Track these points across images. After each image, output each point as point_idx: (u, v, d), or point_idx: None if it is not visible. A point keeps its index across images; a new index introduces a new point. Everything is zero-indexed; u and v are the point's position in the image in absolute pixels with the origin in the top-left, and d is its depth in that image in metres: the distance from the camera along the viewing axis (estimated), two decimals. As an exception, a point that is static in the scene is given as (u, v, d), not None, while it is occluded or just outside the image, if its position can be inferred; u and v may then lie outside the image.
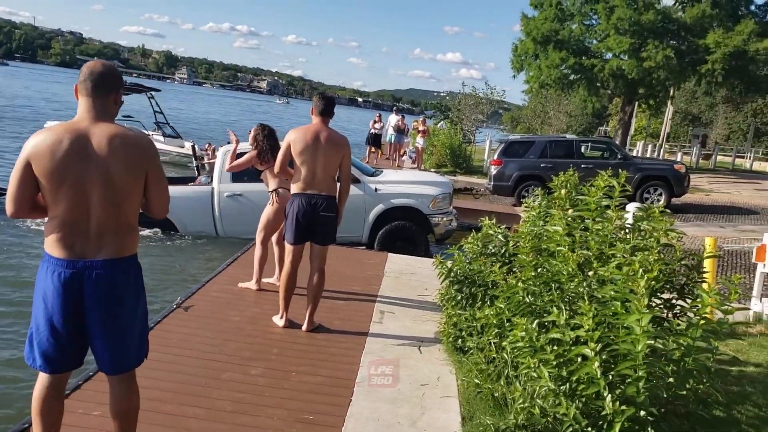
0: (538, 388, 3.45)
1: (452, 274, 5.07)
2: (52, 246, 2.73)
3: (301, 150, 5.11)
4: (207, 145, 17.59)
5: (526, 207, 5.14)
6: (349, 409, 4.10)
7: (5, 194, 2.78)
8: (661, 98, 30.90)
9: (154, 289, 7.55)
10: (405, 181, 10.42)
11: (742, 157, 35.74)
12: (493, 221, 5.21)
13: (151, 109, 20.10)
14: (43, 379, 2.87)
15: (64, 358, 2.83)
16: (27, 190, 2.70)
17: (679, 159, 26.97)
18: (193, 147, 17.18)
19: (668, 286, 4.07)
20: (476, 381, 4.39)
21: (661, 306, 3.82)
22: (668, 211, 4.29)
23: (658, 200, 15.01)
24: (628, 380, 3.15)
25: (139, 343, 2.96)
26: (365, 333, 5.45)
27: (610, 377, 3.25)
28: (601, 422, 3.22)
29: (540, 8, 28.98)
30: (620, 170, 4.61)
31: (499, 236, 5.00)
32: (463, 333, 4.95)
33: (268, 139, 6.28)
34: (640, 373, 3.08)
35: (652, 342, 3.19)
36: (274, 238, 6.46)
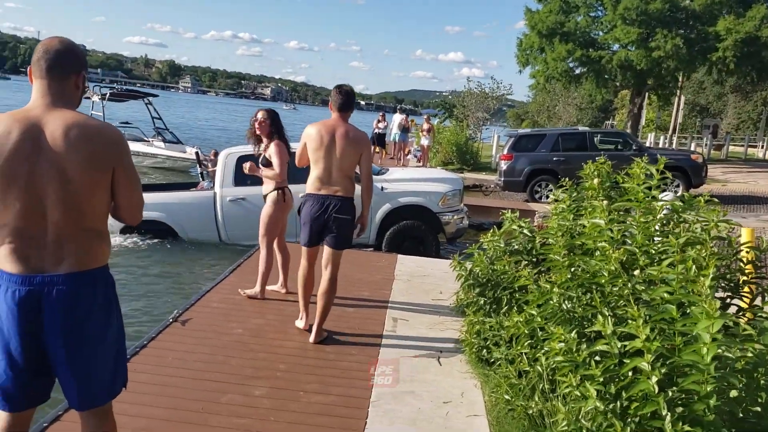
0: (584, 408, 2.98)
1: (473, 276, 4.58)
2: (4, 260, 2.27)
3: (317, 146, 4.76)
4: (212, 153, 17.18)
5: (554, 199, 4.64)
6: (365, 434, 3.63)
7: None
8: (670, 89, 30.30)
9: (151, 302, 7.12)
10: (413, 179, 9.96)
11: (755, 147, 35.08)
12: (516, 215, 4.72)
13: (149, 115, 19.73)
14: (1, 417, 2.40)
15: (26, 392, 2.37)
16: None
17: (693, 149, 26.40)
18: (197, 153, 16.76)
19: (722, 284, 3.59)
20: (506, 397, 3.92)
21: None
22: (715, 199, 3.80)
23: (676, 192, 14.49)
24: (694, 397, 2.68)
25: (112, 372, 2.48)
26: (378, 344, 4.97)
27: (670, 393, 2.77)
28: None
29: (544, 1, 28.44)
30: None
31: (524, 231, 4.51)
32: (488, 343, 4.47)
33: (275, 124, 5.78)
34: (709, 389, 2.60)
35: (720, 351, 2.72)
36: (276, 241, 6.00)
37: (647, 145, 25.49)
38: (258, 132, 5.78)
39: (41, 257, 2.27)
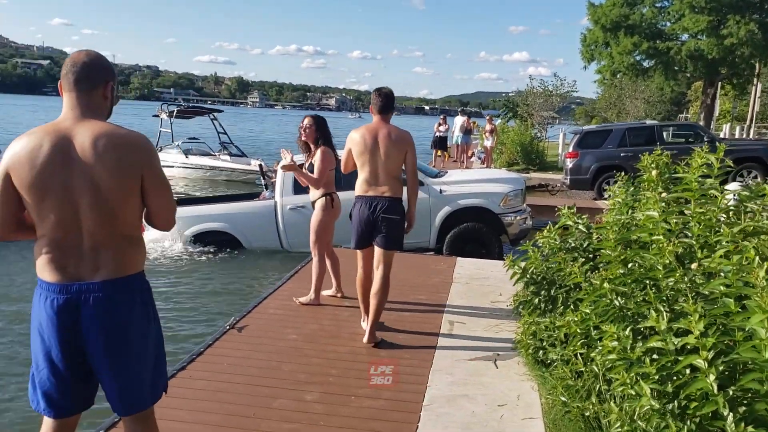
0: (638, 408, 2.83)
1: (527, 274, 4.45)
2: (42, 269, 2.34)
3: (361, 151, 4.84)
4: (276, 164, 17.50)
5: (610, 194, 4.47)
6: (416, 438, 3.57)
7: None
8: (746, 77, 28.98)
9: (212, 309, 7.28)
10: (472, 180, 9.82)
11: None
12: (573, 210, 4.56)
13: (215, 130, 20.28)
14: (47, 424, 2.46)
15: (69, 399, 2.43)
16: (9, 205, 2.32)
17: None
18: (260, 165, 17.11)
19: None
20: (563, 399, 3.78)
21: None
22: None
23: (755, 183, 13.77)
24: (756, 396, 2.50)
25: (152, 377, 2.51)
26: (433, 347, 4.90)
27: (731, 392, 2.60)
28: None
29: (607, -6, 27.74)
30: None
31: (580, 227, 4.35)
32: (545, 343, 4.33)
33: (321, 129, 5.77)
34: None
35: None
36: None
37: (721, 136, 24.35)
38: (304, 138, 5.81)
39: (78, 266, 2.32)
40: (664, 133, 16.10)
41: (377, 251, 4.93)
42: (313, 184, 5.71)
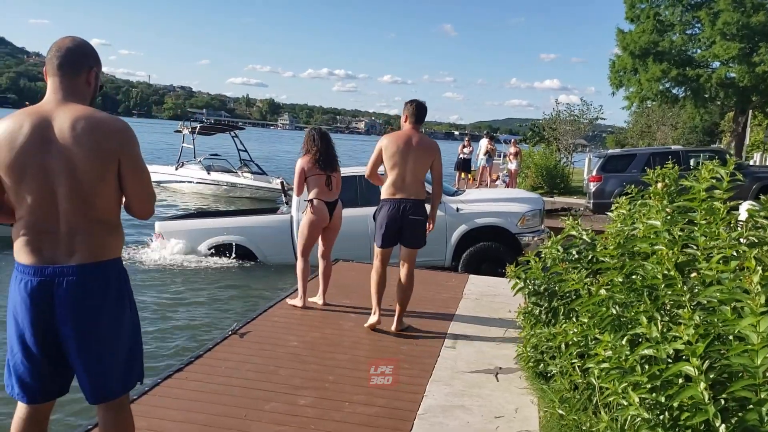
0: (622, 417, 2.74)
1: (528, 284, 4.38)
2: (19, 252, 2.34)
3: (392, 154, 5.18)
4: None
5: (615, 204, 4.40)
6: (406, 446, 3.50)
7: None
8: (778, 105, 28.51)
9: (222, 317, 7.29)
10: (489, 199, 9.75)
11: None
12: (577, 222, 4.49)
13: (235, 147, 20.48)
14: (20, 410, 2.46)
15: (43, 384, 2.42)
16: None
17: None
18: (282, 183, 17.23)
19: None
20: (559, 412, 3.68)
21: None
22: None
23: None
24: (748, 405, 2.40)
25: (126, 365, 2.48)
26: (434, 358, 4.83)
27: (722, 402, 2.51)
28: (714, 460, 2.47)
29: (637, 21, 27.56)
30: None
31: (584, 237, 4.27)
32: (545, 356, 4.24)
33: (321, 141, 5.90)
34: (762, 395, 2.32)
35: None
36: (319, 252, 6.08)
37: (751, 164, 23.92)
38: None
39: (54, 249, 2.32)
40: (690, 159, 15.86)
41: (404, 250, 5.34)
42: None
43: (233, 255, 9.57)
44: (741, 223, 3.92)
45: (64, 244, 2.32)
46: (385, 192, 5.27)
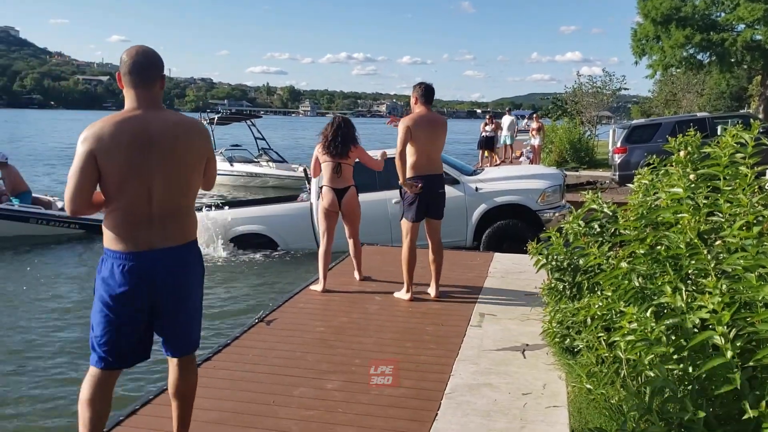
0: (656, 390, 2.71)
1: (551, 260, 4.34)
2: (114, 240, 2.70)
3: (419, 134, 5.52)
4: None
5: (637, 174, 4.34)
6: (434, 425, 3.51)
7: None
8: (808, 67, 27.74)
9: (248, 307, 7.35)
10: (509, 177, 9.66)
11: None
12: (597, 194, 4.43)
13: (252, 136, 20.52)
14: (100, 375, 2.81)
15: (134, 350, 2.85)
16: (90, 183, 2.66)
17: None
18: (305, 170, 17.25)
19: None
20: (587, 386, 3.66)
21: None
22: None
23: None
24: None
25: (198, 329, 3.03)
26: (461, 338, 4.83)
27: (750, 370, 2.46)
28: (744, 429, 2.44)
29: (658, -14, 26.97)
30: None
31: (605, 210, 4.21)
32: (571, 331, 4.21)
33: (332, 128, 6.05)
34: (790, 363, 2.28)
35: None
36: (346, 234, 6.34)
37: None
38: None
39: (148, 236, 2.69)
40: (717, 127, 15.54)
41: (432, 223, 5.75)
42: None
43: (256, 244, 9.62)
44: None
45: (157, 230, 2.70)
46: (413, 170, 5.56)
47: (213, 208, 9.97)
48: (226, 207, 10.14)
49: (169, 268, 2.72)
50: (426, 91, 5.63)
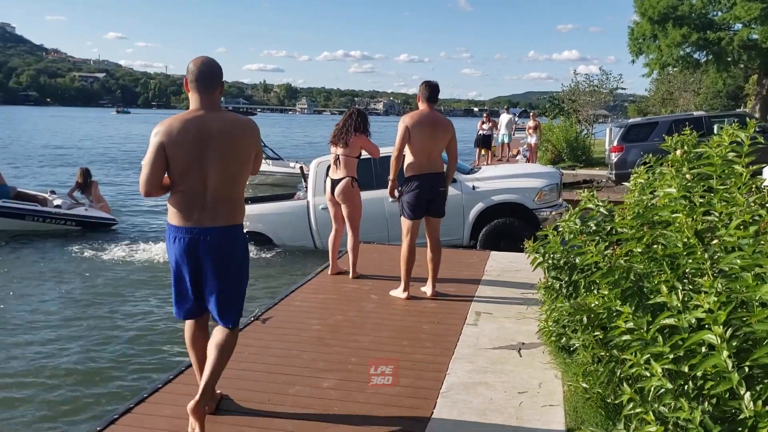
0: (652, 389, 2.71)
1: (548, 258, 4.34)
2: (175, 216, 3.20)
3: (418, 133, 5.51)
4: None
5: (633, 173, 4.34)
6: (429, 424, 3.51)
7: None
8: (804, 66, 27.79)
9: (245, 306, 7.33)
10: (505, 176, 9.65)
11: None
12: (593, 193, 4.43)
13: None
14: (189, 325, 3.48)
15: (195, 307, 3.35)
16: (160, 170, 3.14)
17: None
18: (301, 168, 17.22)
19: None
20: (583, 385, 3.66)
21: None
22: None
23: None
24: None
25: (242, 299, 3.40)
26: (457, 336, 4.83)
27: (746, 369, 2.46)
28: (740, 428, 2.44)
29: (655, -15, 27.00)
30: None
31: (601, 210, 4.21)
32: (567, 330, 4.21)
33: (348, 119, 6.37)
34: (787, 362, 2.28)
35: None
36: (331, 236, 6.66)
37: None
38: None
39: (201, 216, 3.16)
40: (714, 125, 15.57)
41: (432, 221, 5.75)
42: None
43: (252, 242, 9.61)
44: (765, 187, 3.82)
45: (209, 212, 3.17)
46: (412, 169, 5.58)
47: None
48: None
49: (209, 243, 3.15)
50: (428, 90, 5.64)
